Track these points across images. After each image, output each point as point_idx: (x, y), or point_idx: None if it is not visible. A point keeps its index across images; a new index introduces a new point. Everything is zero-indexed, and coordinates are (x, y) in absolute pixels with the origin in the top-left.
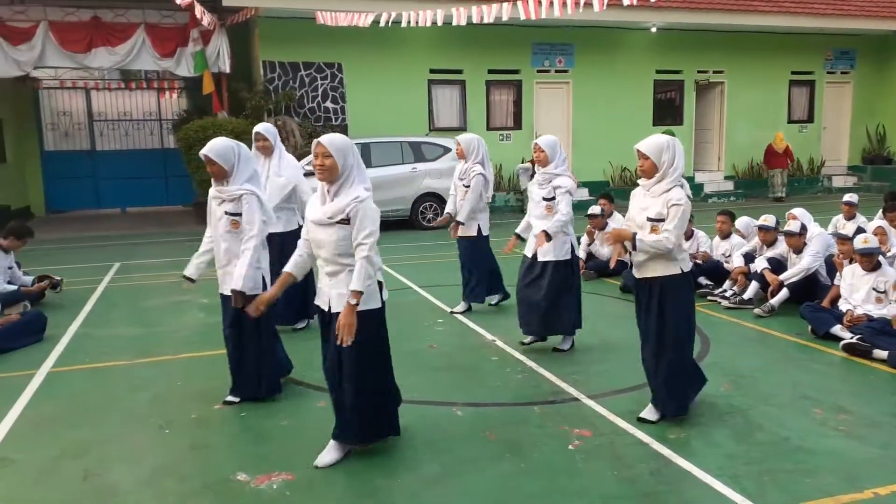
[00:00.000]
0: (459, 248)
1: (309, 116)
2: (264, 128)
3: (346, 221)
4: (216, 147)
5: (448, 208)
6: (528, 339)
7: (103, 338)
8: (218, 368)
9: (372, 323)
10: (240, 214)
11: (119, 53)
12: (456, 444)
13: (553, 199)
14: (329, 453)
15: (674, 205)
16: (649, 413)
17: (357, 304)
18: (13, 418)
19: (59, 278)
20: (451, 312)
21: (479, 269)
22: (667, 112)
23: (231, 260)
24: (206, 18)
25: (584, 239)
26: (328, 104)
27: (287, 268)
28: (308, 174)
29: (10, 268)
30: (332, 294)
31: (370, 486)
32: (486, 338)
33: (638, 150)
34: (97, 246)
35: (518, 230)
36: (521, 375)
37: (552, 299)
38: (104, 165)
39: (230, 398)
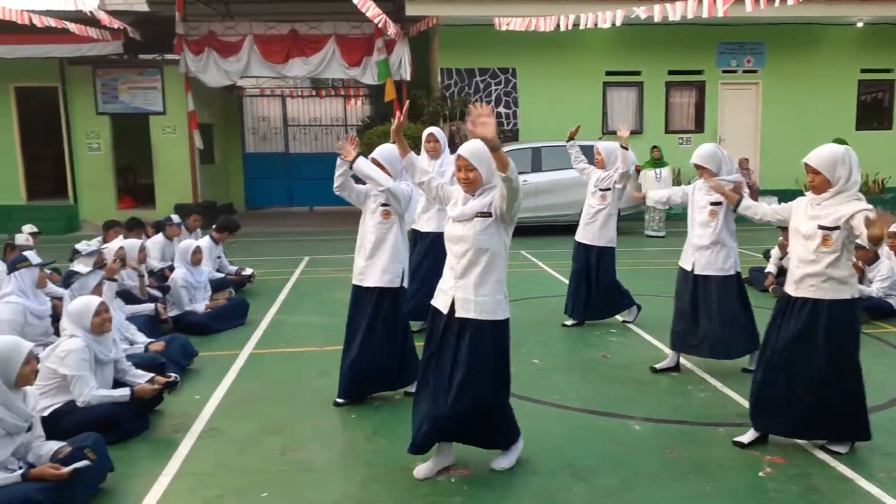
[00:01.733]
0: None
1: None
2: (437, 130)
3: (488, 214)
4: (384, 153)
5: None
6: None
7: (296, 325)
8: None
9: (494, 334)
10: (390, 204)
11: (312, 63)
12: (633, 458)
13: (720, 203)
14: (506, 458)
15: (861, 211)
16: (837, 446)
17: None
18: (221, 393)
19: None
20: (623, 322)
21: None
22: (872, 115)
23: (376, 253)
24: (391, 29)
25: (775, 252)
26: (501, 109)
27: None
28: None
29: (219, 257)
30: (457, 296)
31: (548, 490)
32: (664, 351)
33: (806, 165)
34: (289, 241)
35: None
36: (704, 394)
37: (724, 318)
38: (296, 167)
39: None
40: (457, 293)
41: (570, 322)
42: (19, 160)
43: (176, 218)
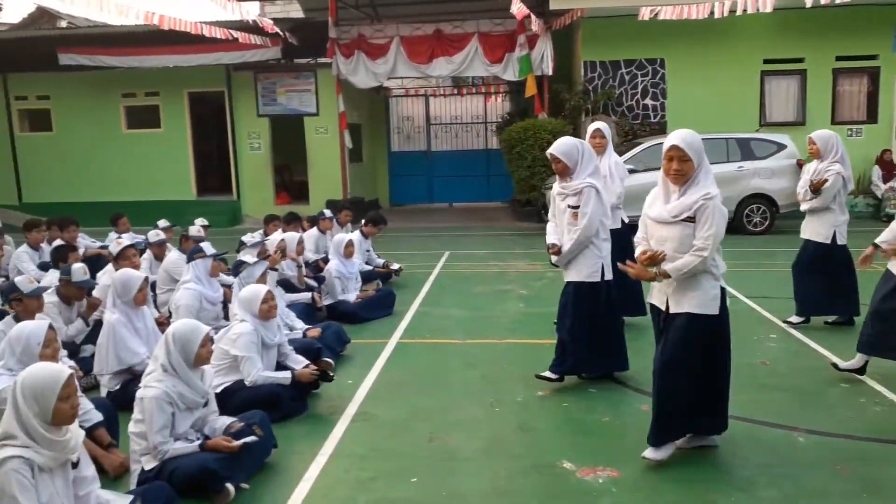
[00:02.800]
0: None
1: (627, 115)
2: (602, 125)
3: (691, 220)
4: (561, 146)
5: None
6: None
7: (439, 317)
8: (538, 357)
9: (706, 329)
10: (578, 207)
11: (455, 62)
12: (798, 471)
13: None
14: (662, 450)
15: None
16: None
17: (661, 275)
18: (372, 379)
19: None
20: (786, 322)
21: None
22: None
23: (574, 251)
24: (535, 24)
25: None
26: (647, 101)
27: None
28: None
29: (368, 251)
30: (669, 293)
31: (701, 499)
32: (830, 359)
33: None
34: (430, 236)
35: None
36: (879, 408)
37: None
38: (437, 164)
39: (548, 374)
40: (669, 290)
41: (796, 319)
42: (191, 159)
43: (328, 213)
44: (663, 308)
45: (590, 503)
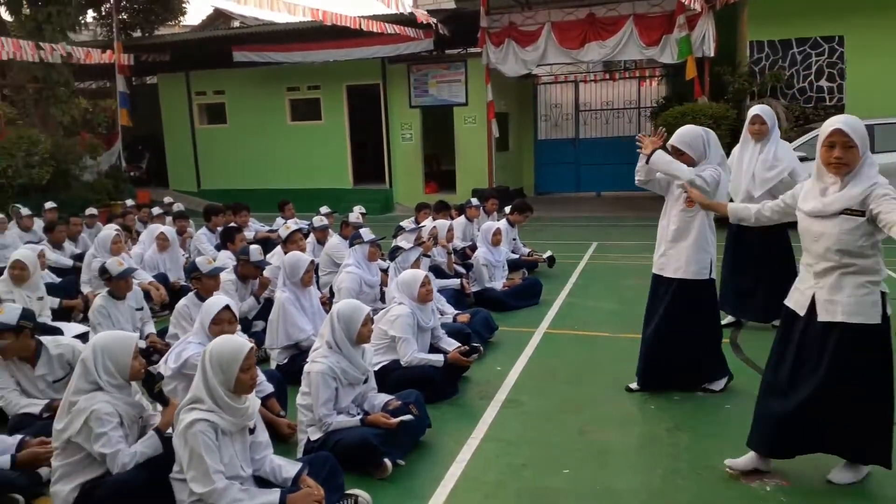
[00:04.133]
0: None
1: (798, 97)
2: (763, 110)
3: (856, 213)
4: (685, 136)
5: None
6: None
7: (587, 308)
8: None
9: (867, 341)
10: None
11: (608, 46)
12: None
13: None
14: (846, 472)
15: None
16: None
17: None
18: (521, 367)
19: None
20: None
21: None
22: None
23: (678, 242)
24: (696, 3)
25: None
26: (822, 83)
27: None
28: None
29: (514, 239)
30: (818, 298)
31: None
32: None
33: None
34: (577, 226)
35: None
36: None
37: None
38: (585, 152)
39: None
40: (817, 294)
41: None
42: (348, 150)
43: (475, 201)
44: (802, 313)
45: None
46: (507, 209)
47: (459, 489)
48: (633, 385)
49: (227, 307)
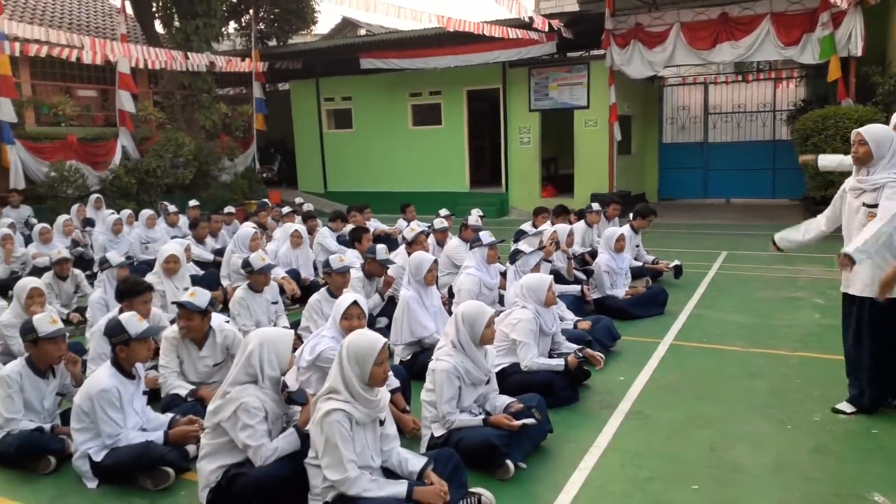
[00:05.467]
0: None
1: None
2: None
3: None
4: (874, 130)
5: None
6: None
7: (717, 321)
8: (842, 375)
9: None
10: (877, 206)
11: (742, 46)
12: None
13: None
14: None
15: None
16: None
17: None
18: (645, 379)
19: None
20: None
21: None
22: None
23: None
24: (842, 0)
25: None
26: None
27: None
28: None
29: (637, 246)
30: None
31: None
32: None
33: None
34: (704, 234)
35: None
36: None
37: None
38: (714, 157)
39: (842, 406)
40: None
41: None
42: (466, 154)
43: (596, 206)
44: None
45: None
46: (630, 215)
47: (582, 497)
48: (844, 407)
49: (356, 303)
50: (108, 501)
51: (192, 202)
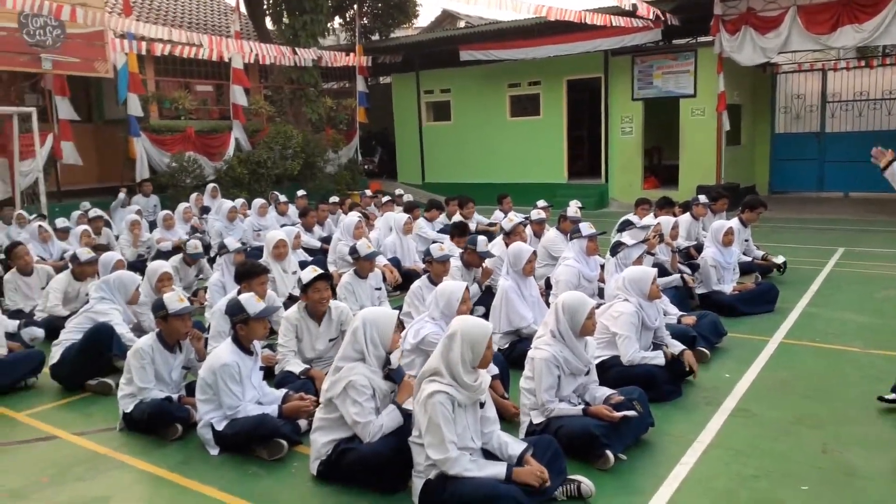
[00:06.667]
0: None
1: None
2: None
3: None
4: None
5: None
6: None
7: (831, 320)
8: None
9: None
10: None
11: (866, 30)
12: None
13: None
14: None
15: None
16: None
17: None
18: (752, 376)
19: None
20: None
21: None
22: None
23: None
24: None
25: None
26: None
27: None
28: None
29: (746, 240)
30: None
31: None
32: None
33: None
34: (819, 228)
35: None
36: None
37: None
38: (832, 148)
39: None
40: None
41: None
42: (565, 144)
43: (703, 198)
44: None
45: None
46: (739, 208)
47: (684, 491)
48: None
49: (468, 288)
50: (228, 468)
51: (300, 192)
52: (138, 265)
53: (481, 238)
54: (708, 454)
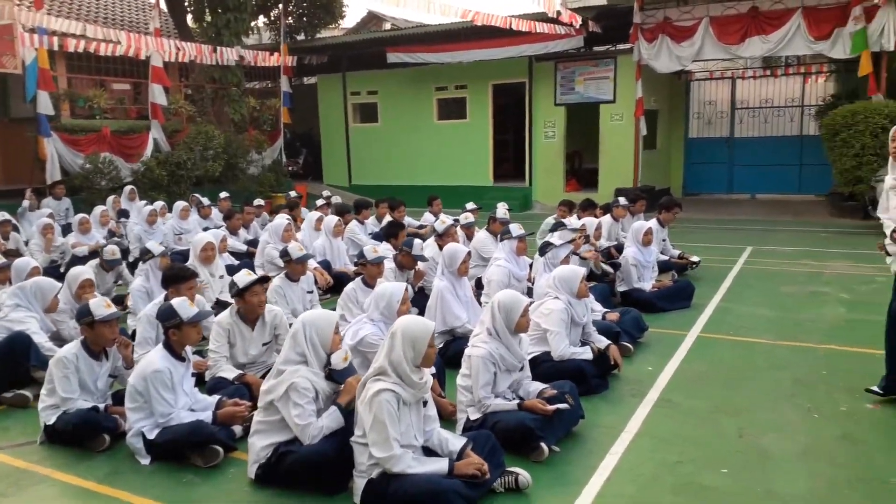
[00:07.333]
0: None
1: None
2: None
3: None
4: None
5: None
6: None
7: (743, 314)
8: (867, 367)
9: None
10: None
11: (772, 41)
12: None
13: None
14: None
15: None
16: None
17: None
18: (673, 369)
19: None
20: None
21: None
22: None
23: None
24: None
25: None
26: None
27: None
28: None
29: (664, 240)
30: None
31: None
32: None
33: None
34: (729, 229)
35: None
36: None
37: None
38: (740, 152)
39: (875, 388)
40: None
41: None
42: (491, 148)
43: (623, 201)
44: None
45: None
46: (657, 209)
47: (614, 479)
48: (875, 388)
49: (407, 289)
50: (161, 476)
51: (223, 194)
52: (51, 271)
53: (417, 241)
54: (635, 443)
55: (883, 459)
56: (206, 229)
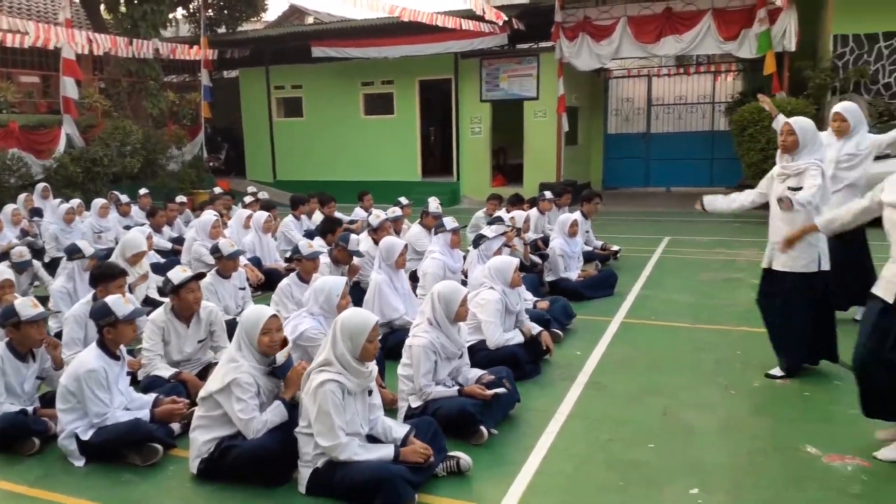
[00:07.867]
0: None
1: (883, 93)
2: (845, 107)
3: None
4: (802, 121)
5: None
6: None
7: (663, 301)
8: None
9: None
10: (801, 189)
11: (684, 41)
12: None
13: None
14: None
15: None
16: None
17: None
18: (600, 353)
19: None
20: None
21: None
22: None
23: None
24: None
25: None
26: None
27: None
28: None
29: (587, 232)
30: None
31: None
32: None
33: None
34: (648, 221)
35: None
36: None
37: None
38: (656, 147)
39: (773, 371)
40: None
41: None
42: (418, 143)
43: (549, 194)
44: (891, 301)
45: (840, 488)
46: (580, 202)
47: (550, 458)
48: (775, 371)
49: (347, 283)
50: (98, 477)
51: (143, 190)
52: None
53: (353, 236)
54: (568, 424)
55: (792, 429)
56: (127, 227)
